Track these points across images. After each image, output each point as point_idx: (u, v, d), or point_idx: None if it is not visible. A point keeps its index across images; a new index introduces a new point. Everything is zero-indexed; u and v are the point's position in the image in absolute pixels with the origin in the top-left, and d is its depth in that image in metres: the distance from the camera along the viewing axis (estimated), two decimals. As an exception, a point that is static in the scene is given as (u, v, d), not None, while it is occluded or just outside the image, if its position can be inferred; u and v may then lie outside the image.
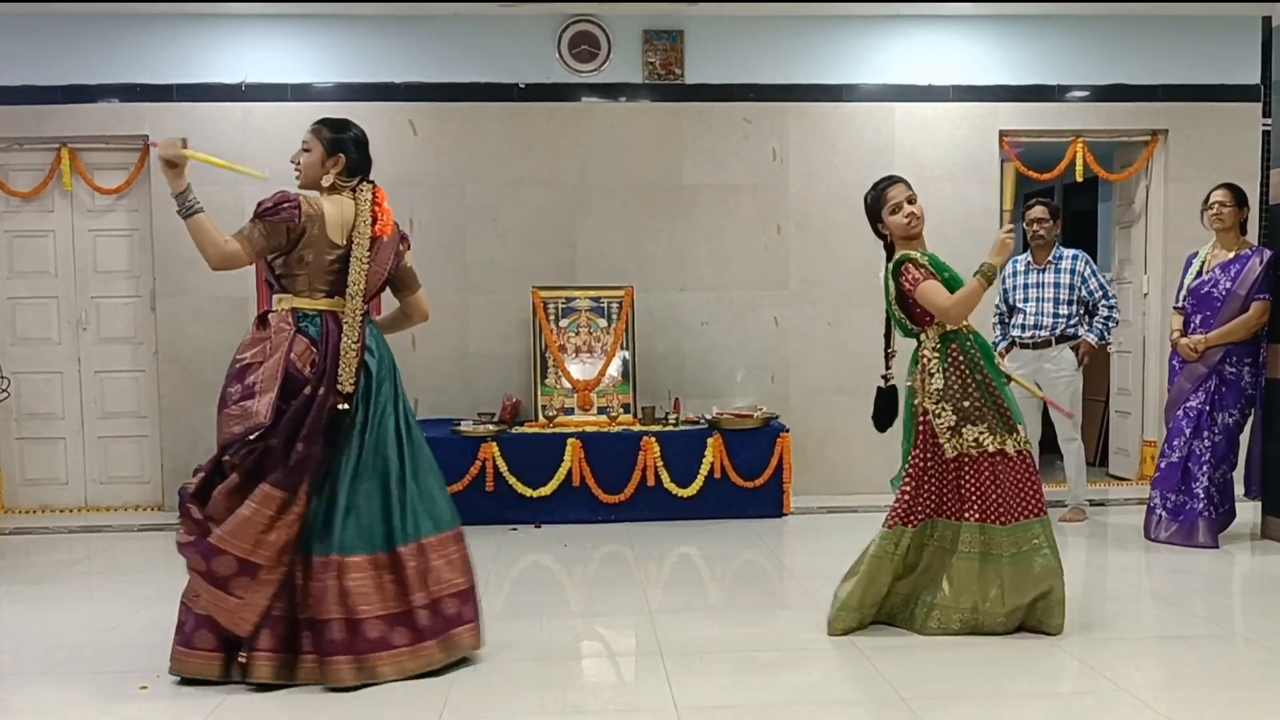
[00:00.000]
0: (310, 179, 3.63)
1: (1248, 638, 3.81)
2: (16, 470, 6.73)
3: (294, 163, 3.66)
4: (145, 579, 4.96)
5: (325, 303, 3.52)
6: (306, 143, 3.63)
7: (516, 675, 3.46)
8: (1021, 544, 3.72)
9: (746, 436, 6.10)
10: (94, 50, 6.49)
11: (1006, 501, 3.71)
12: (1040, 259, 5.83)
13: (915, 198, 3.89)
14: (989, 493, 3.71)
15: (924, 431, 3.78)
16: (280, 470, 3.34)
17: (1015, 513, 3.71)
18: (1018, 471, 3.73)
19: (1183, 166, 6.86)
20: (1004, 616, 3.75)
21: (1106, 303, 5.77)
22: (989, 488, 3.71)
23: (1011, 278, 5.92)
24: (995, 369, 3.79)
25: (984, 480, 3.72)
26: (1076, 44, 6.80)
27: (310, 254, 3.49)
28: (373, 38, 6.58)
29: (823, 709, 3.15)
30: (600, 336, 6.40)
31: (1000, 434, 3.72)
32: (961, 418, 3.72)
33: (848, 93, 6.77)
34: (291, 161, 3.67)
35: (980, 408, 3.72)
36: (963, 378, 3.74)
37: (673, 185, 6.73)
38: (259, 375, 3.40)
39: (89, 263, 6.68)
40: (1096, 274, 5.81)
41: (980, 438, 3.72)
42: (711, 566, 5.16)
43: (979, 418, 3.72)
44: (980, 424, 3.72)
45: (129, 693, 3.34)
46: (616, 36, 6.62)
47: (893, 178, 3.95)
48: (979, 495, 3.71)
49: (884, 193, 3.89)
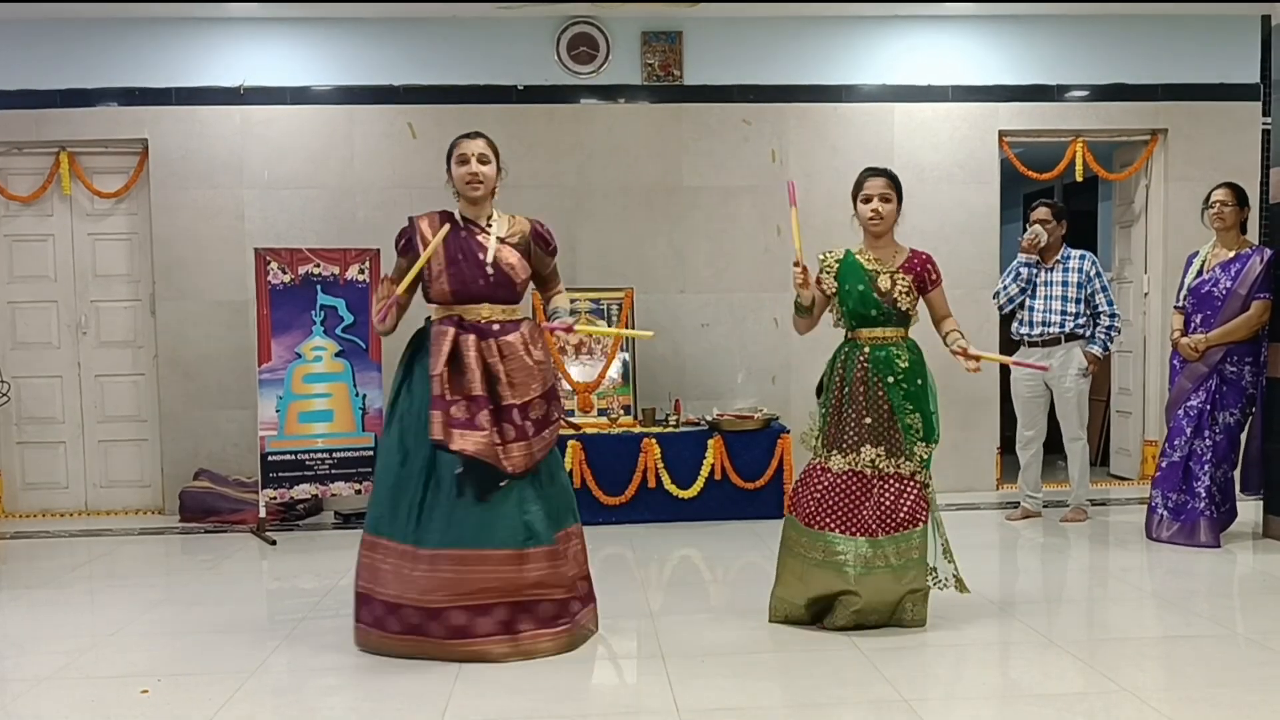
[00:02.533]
0: (490, 190, 3.82)
1: (1250, 637, 3.80)
2: (17, 474, 6.72)
3: (473, 174, 3.76)
4: (146, 583, 4.95)
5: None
6: (484, 155, 3.78)
7: (517, 677, 3.46)
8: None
9: (747, 438, 6.09)
10: (93, 54, 6.49)
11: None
12: (1048, 258, 5.83)
13: (892, 199, 3.90)
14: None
15: None
16: None
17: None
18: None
19: (1183, 166, 6.86)
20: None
21: (1109, 310, 5.77)
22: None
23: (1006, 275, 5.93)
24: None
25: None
26: (1076, 44, 6.80)
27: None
28: (371, 41, 6.58)
29: (824, 710, 3.15)
30: (600, 338, 6.39)
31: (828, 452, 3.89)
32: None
33: (847, 94, 6.77)
34: (471, 174, 3.75)
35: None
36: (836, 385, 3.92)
37: (672, 187, 6.73)
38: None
39: (88, 267, 6.68)
40: (1101, 277, 5.81)
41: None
42: (713, 568, 5.15)
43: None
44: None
45: (130, 697, 3.34)
46: (615, 38, 6.63)
47: (877, 170, 3.99)
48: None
49: (863, 181, 3.97)
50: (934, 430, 3.90)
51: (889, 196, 3.90)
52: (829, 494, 3.84)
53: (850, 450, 3.85)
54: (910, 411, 3.83)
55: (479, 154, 3.77)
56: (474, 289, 3.71)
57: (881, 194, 3.89)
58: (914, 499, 3.84)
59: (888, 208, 3.89)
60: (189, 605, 4.50)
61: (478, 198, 3.80)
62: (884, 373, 3.84)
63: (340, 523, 6.17)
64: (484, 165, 3.77)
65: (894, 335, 3.90)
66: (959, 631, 3.86)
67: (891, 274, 3.90)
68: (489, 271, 3.72)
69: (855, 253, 3.98)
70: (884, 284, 3.89)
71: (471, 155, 3.76)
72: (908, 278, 3.91)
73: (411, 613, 3.58)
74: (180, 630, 4.11)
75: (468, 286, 3.71)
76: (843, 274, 3.94)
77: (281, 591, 4.85)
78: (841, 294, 3.93)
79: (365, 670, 3.55)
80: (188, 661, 3.69)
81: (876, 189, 3.90)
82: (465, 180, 3.76)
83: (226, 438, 6.57)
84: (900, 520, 3.80)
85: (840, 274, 3.95)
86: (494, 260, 3.73)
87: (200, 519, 6.23)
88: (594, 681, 3.52)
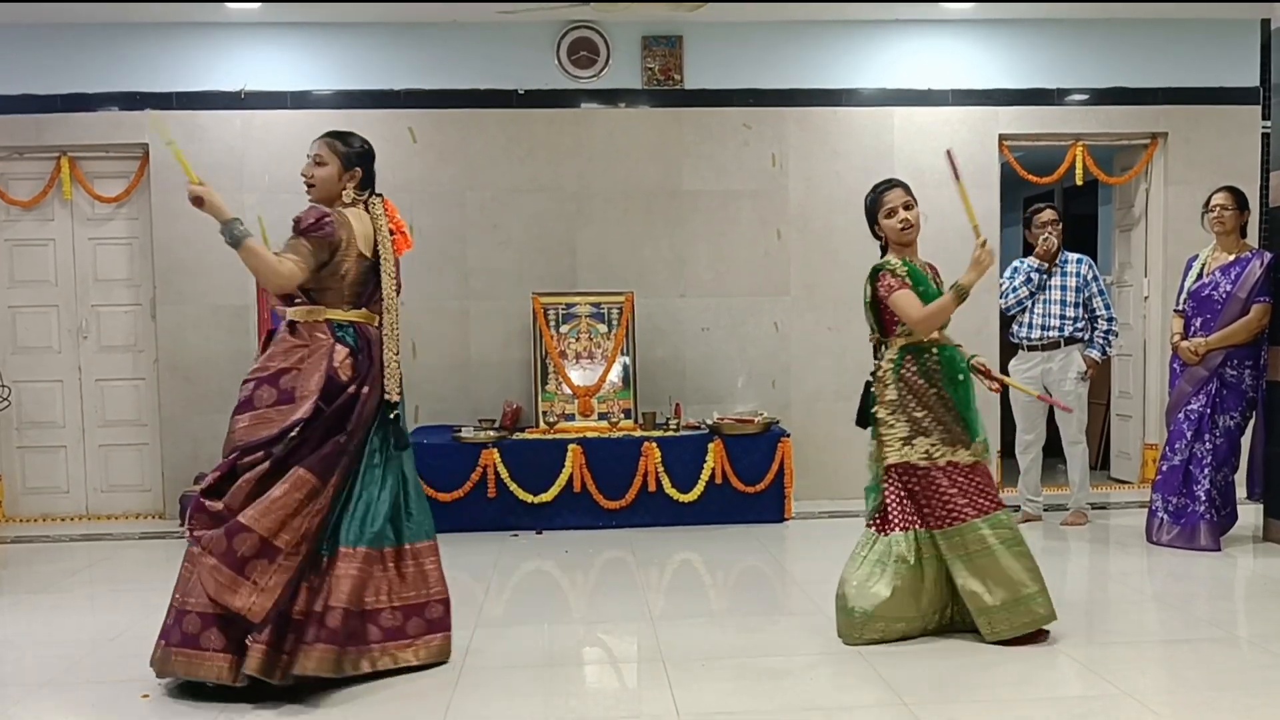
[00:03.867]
0: (328, 193, 3.66)
1: (1250, 641, 3.80)
2: (17, 479, 6.72)
3: (306, 176, 3.66)
4: (147, 587, 4.95)
5: (355, 314, 3.60)
6: (319, 156, 3.64)
7: (519, 681, 3.46)
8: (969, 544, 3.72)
9: (747, 442, 6.09)
10: (94, 59, 6.49)
11: (946, 507, 3.74)
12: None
13: (914, 204, 3.89)
14: (933, 501, 3.75)
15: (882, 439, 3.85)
16: (315, 457, 3.39)
17: (953, 517, 3.73)
18: (967, 478, 3.75)
19: (1183, 169, 6.86)
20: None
21: (1106, 315, 5.79)
22: (933, 496, 3.75)
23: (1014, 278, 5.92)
24: (955, 382, 3.80)
25: (930, 489, 3.75)
26: (1076, 47, 6.80)
27: (345, 267, 3.56)
28: (372, 45, 6.59)
29: (825, 714, 3.15)
30: (601, 342, 6.40)
31: (953, 445, 3.76)
32: (914, 429, 3.76)
33: (847, 97, 6.77)
34: (303, 175, 3.66)
35: (932, 420, 3.76)
36: (915, 391, 3.78)
37: (673, 191, 6.73)
38: (299, 382, 3.45)
39: (89, 271, 6.68)
40: (1099, 280, 5.83)
41: (931, 450, 3.75)
42: (713, 572, 5.15)
43: (930, 430, 3.75)
44: (931, 436, 3.75)
45: (131, 702, 3.34)
46: (615, 42, 6.63)
47: (892, 181, 3.96)
48: (927, 503, 3.76)
49: (881, 195, 3.91)
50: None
51: (911, 203, 3.88)
52: (969, 485, 3.76)
53: (964, 445, 3.78)
54: (975, 409, 3.84)
55: (314, 154, 3.65)
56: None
57: (905, 202, 3.87)
58: (993, 489, 3.84)
59: (915, 213, 3.88)
60: (189, 609, 4.49)
61: (317, 200, 3.66)
62: (953, 371, 3.80)
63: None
64: (318, 166, 3.64)
65: (947, 338, 3.89)
66: (960, 635, 3.85)
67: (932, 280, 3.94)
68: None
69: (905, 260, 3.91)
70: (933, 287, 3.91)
71: (309, 155, 3.66)
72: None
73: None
74: (181, 634, 4.10)
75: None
76: (916, 278, 3.84)
77: (282, 596, 4.84)
78: (926, 297, 3.81)
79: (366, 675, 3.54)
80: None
81: (899, 199, 3.86)
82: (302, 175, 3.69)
83: (227, 442, 6.56)
84: (993, 502, 3.78)
85: (916, 278, 3.85)
86: None
87: (201, 523, 6.22)
88: (595, 685, 3.52)
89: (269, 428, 3.42)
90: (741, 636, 3.93)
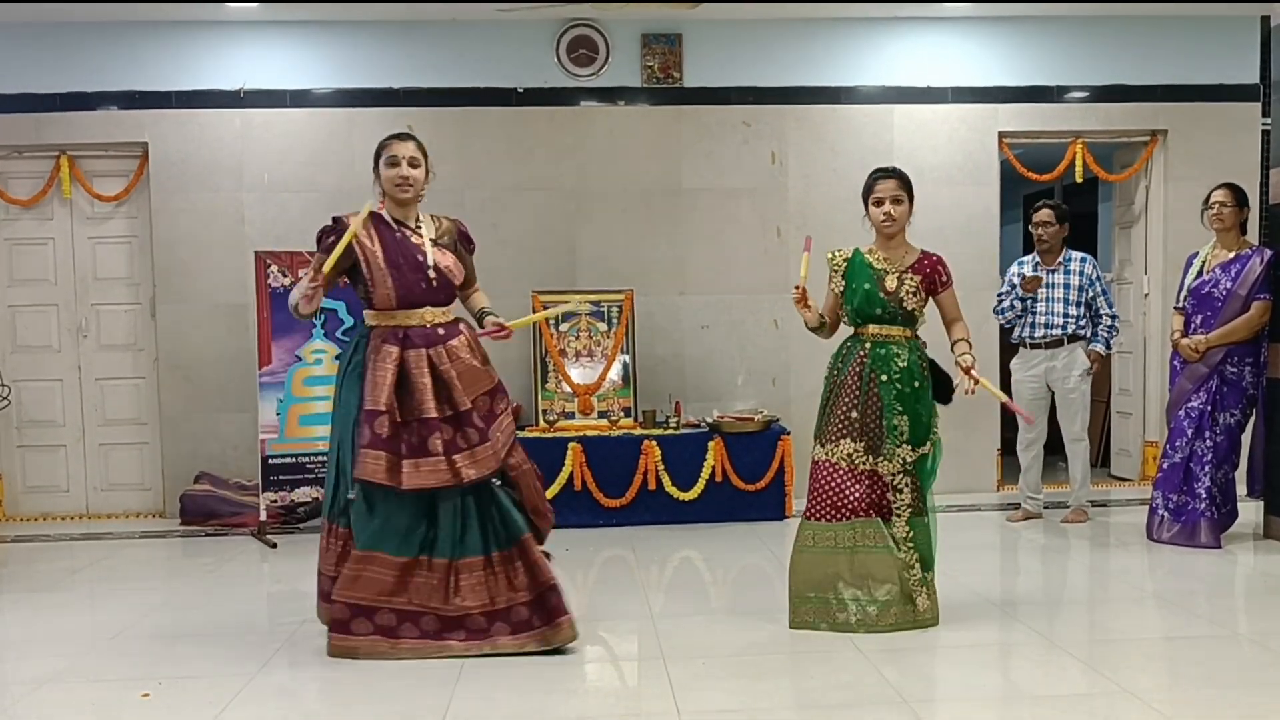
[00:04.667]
0: (418, 194, 3.82)
1: (1251, 638, 3.80)
2: (17, 478, 6.72)
3: (405, 179, 3.74)
4: (147, 586, 4.96)
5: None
6: (415, 159, 3.76)
7: (519, 679, 3.46)
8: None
9: (748, 440, 6.09)
10: (93, 58, 6.49)
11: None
12: (1050, 260, 5.83)
13: (904, 199, 3.90)
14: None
15: None
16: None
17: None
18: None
19: (1182, 166, 6.86)
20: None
21: (1109, 311, 5.79)
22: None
23: (1017, 277, 5.92)
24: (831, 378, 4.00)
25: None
26: (1075, 45, 6.80)
27: None
28: (371, 43, 6.59)
29: (826, 712, 3.15)
30: (600, 341, 6.40)
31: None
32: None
33: (847, 95, 6.77)
34: (404, 178, 3.74)
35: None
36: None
37: (672, 189, 6.73)
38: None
39: (89, 270, 6.68)
40: (1100, 280, 5.83)
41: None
42: (713, 570, 5.15)
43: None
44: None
45: (132, 700, 3.34)
46: (615, 40, 6.63)
47: (892, 171, 4.00)
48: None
49: (875, 182, 3.97)
50: (926, 434, 3.87)
51: (900, 198, 3.91)
52: (816, 486, 3.91)
53: (830, 442, 3.91)
54: (899, 413, 3.84)
55: (409, 157, 3.76)
56: (417, 293, 3.71)
57: (893, 195, 3.90)
58: (878, 498, 3.87)
59: (900, 209, 3.91)
60: (190, 608, 4.50)
61: (406, 200, 3.79)
62: (880, 370, 3.86)
63: (341, 525, 6.16)
64: (414, 169, 3.76)
65: (898, 334, 3.90)
66: (960, 632, 3.86)
67: (899, 274, 3.91)
68: (430, 275, 3.72)
69: (865, 252, 3.99)
70: (890, 284, 3.90)
71: (403, 158, 3.74)
72: (916, 278, 3.92)
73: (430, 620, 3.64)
74: (181, 633, 4.11)
75: (411, 291, 3.70)
76: (850, 273, 3.97)
77: (282, 594, 4.86)
78: (848, 292, 3.96)
79: (366, 672, 3.54)
80: (189, 665, 3.69)
81: (888, 191, 3.90)
82: (395, 182, 3.75)
83: (227, 441, 6.57)
84: (864, 509, 3.85)
85: (848, 273, 3.98)
86: (434, 264, 3.73)
87: (201, 522, 6.23)
88: (595, 683, 3.52)
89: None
90: (742, 634, 3.93)
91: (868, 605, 3.81)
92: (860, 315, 3.94)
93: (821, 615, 3.86)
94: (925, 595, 3.88)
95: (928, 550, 3.89)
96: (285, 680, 3.54)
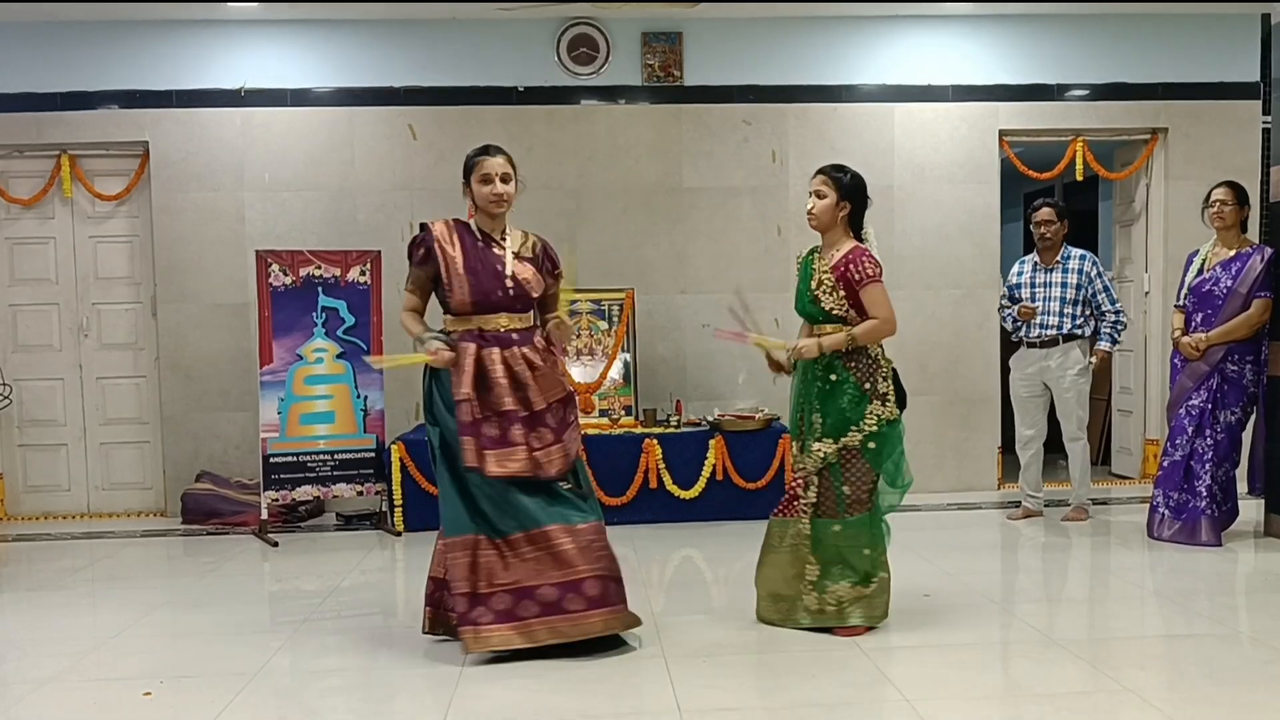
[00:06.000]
0: (509, 208, 3.97)
1: (1252, 636, 3.80)
2: (19, 477, 6.73)
3: (500, 194, 3.84)
4: (148, 585, 4.96)
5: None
6: (506, 174, 3.87)
7: (520, 677, 3.46)
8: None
9: (749, 438, 6.09)
10: (94, 57, 6.49)
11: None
12: (1048, 259, 5.82)
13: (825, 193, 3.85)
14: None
15: None
16: None
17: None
18: None
19: (1183, 165, 6.86)
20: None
21: (1113, 307, 5.77)
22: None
23: (1018, 276, 5.91)
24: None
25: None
26: (1076, 43, 6.80)
27: None
28: (372, 42, 6.59)
29: (827, 711, 3.15)
30: (601, 339, 6.40)
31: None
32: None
33: (847, 94, 6.77)
34: (499, 194, 3.84)
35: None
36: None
37: (673, 188, 6.73)
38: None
39: (90, 269, 6.68)
40: (1103, 276, 5.80)
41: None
42: (714, 569, 5.16)
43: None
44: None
45: (133, 699, 3.35)
46: (615, 39, 6.63)
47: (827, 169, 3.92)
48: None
49: (813, 177, 3.97)
50: (846, 426, 3.78)
51: (823, 193, 3.85)
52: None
53: (794, 441, 4.01)
54: (815, 409, 3.85)
55: (502, 173, 3.82)
56: (494, 299, 3.76)
57: (816, 190, 3.88)
58: (789, 494, 3.95)
59: (821, 203, 3.85)
60: (191, 607, 4.50)
61: (498, 215, 3.87)
62: (805, 369, 3.91)
63: (342, 524, 6.17)
64: (506, 184, 3.83)
65: (825, 333, 3.86)
66: (960, 631, 3.86)
67: (822, 273, 3.87)
68: (508, 285, 3.77)
69: (813, 251, 3.99)
70: (814, 283, 3.88)
71: (495, 175, 3.81)
72: (832, 276, 3.83)
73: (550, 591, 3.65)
74: (182, 632, 4.11)
75: (488, 297, 3.75)
76: (801, 271, 4.00)
77: (283, 593, 4.86)
78: (796, 293, 4.01)
79: (368, 671, 3.55)
80: (190, 664, 3.69)
81: (813, 185, 3.90)
82: (489, 199, 3.82)
83: (228, 440, 6.58)
84: (782, 508, 3.95)
85: (800, 272, 4.01)
86: (513, 274, 3.78)
87: (202, 521, 6.23)
88: (596, 681, 3.52)
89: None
90: (743, 633, 3.93)
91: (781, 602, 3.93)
92: (801, 315, 4.00)
93: (770, 610, 3.98)
94: (815, 597, 3.84)
95: (851, 557, 3.82)
96: (286, 679, 3.55)
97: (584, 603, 3.63)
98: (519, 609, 3.61)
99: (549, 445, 3.73)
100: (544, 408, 3.73)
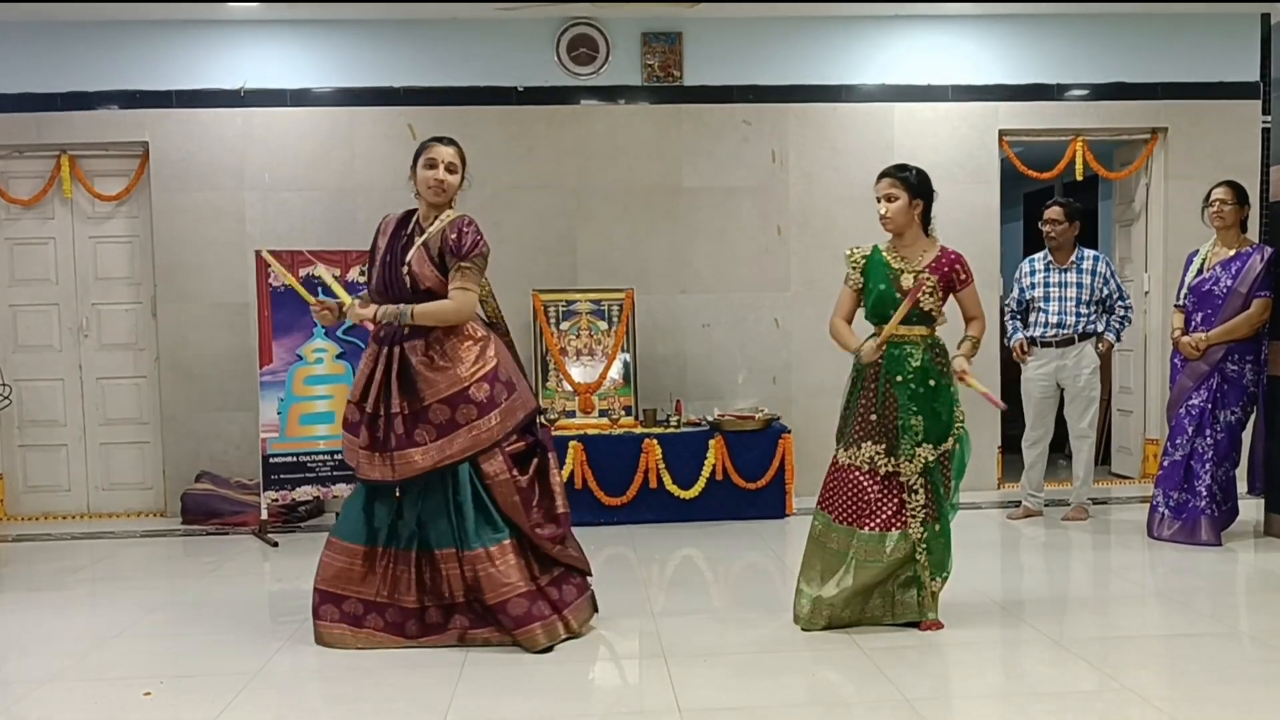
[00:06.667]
0: (450, 199, 3.92)
1: (1252, 636, 3.80)
2: (19, 477, 6.73)
3: (440, 181, 3.82)
4: (148, 585, 4.96)
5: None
6: (453, 164, 3.86)
7: (520, 677, 3.46)
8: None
9: (748, 438, 6.09)
10: (93, 57, 6.49)
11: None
12: (1062, 259, 5.82)
13: (896, 195, 3.87)
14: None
15: None
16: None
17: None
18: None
19: (1183, 164, 6.86)
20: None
21: (1123, 303, 5.81)
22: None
23: (1030, 276, 5.90)
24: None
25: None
26: (1076, 43, 6.80)
27: None
28: (371, 42, 6.59)
29: (827, 710, 3.15)
30: (601, 339, 6.40)
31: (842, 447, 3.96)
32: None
33: (847, 94, 6.77)
34: (440, 180, 3.82)
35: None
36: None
37: (673, 188, 6.73)
38: (508, 370, 3.85)
39: (90, 269, 6.68)
40: (1115, 276, 5.85)
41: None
42: (714, 568, 5.16)
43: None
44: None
45: (133, 699, 3.34)
46: (615, 39, 6.63)
47: (885, 171, 3.97)
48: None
49: (877, 181, 3.97)
50: (947, 431, 3.82)
51: (894, 195, 3.88)
52: (834, 486, 3.92)
53: (851, 445, 3.89)
54: (914, 413, 3.80)
55: (448, 163, 3.81)
56: (394, 291, 3.77)
57: (886, 194, 3.89)
58: (897, 504, 3.81)
59: (894, 206, 3.88)
60: (191, 607, 4.50)
61: (437, 204, 3.83)
62: (894, 371, 3.83)
63: (342, 524, 6.16)
64: (451, 175, 3.81)
65: (914, 334, 3.86)
66: (962, 630, 3.86)
67: (916, 273, 3.88)
68: (404, 274, 3.75)
69: (882, 250, 3.97)
70: (906, 282, 3.86)
71: (441, 162, 3.80)
72: (934, 278, 3.87)
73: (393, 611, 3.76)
74: (183, 632, 4.11)
75: (389, 288, 3.78)
76: (869, 271, 3.94)
77: (283, 593, 4.85)
78: (865, 290, 3.95)
79: (367, 671, 3.55)
80: (190, 663, 3.69)
81: (881, 190, 3.91)
82: (428, 184, 3.79)
83: (228, 440, 6.58)
84: (880, 521, 3.81)
85: (866, 270, 3.95)
86: (408, 264, 3.75)
87: (202, 521, 6.23)
88: (596, 681, 3.53)
89: (528, 406, 3.88)
90: (743, 632, 3.93)
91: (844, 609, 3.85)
92: (876, 315, 3.92)
93: (815, 614, 3.85)
94: (913, 594, 3.85)
95: (941, 555, 3.85)
96: (287, 679, 3.55)
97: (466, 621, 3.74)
98: (368, 619, 3.74)
99: (418, 446, 3.66)
100: (425, 406, 3.66)
